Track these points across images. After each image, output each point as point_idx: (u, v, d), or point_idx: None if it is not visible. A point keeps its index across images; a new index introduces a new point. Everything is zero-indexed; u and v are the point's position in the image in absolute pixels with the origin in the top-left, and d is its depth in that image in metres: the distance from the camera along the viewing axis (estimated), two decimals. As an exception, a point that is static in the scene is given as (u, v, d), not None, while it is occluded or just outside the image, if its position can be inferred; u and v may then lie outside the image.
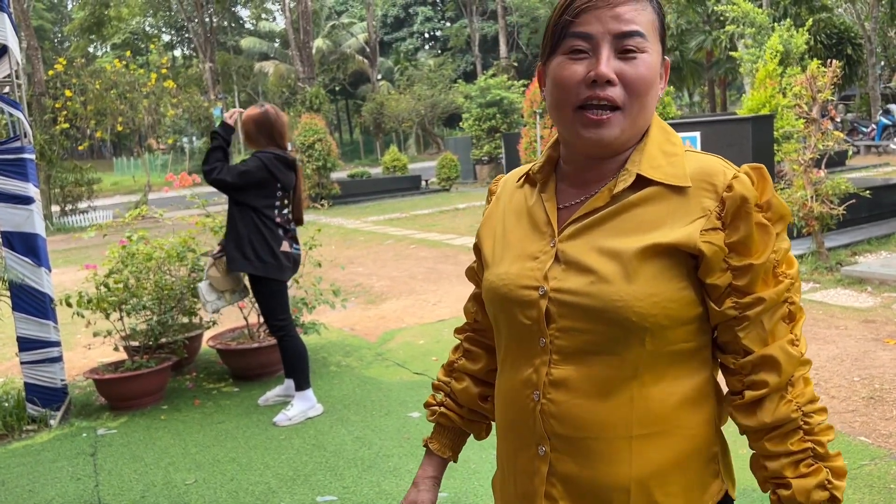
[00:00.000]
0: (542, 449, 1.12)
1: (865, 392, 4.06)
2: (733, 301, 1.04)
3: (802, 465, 1.05)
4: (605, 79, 1.04)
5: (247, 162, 4.14)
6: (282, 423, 4.23)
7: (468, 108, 21.04)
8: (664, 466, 1.07)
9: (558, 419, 1.09)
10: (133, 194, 23.18)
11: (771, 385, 1.04)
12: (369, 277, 8.48)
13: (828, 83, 6.76)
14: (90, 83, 16.23)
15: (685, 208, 1.06)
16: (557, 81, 1.08)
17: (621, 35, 1.04)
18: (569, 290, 1.07)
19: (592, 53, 1.05)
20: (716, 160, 1.09)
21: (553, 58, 1.10)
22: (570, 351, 1.08)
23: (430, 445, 1.40)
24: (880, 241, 7.84)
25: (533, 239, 1.16)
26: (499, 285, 1.17)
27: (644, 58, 1.06)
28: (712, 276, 1.04)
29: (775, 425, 1.05)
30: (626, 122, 1.07)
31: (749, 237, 1.03)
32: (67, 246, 13.08)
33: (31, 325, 4.50)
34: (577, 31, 1.06)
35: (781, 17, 18.91)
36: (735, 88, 38.49)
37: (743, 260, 1.03)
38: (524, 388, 1.14)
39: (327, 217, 14.93)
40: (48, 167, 16.21)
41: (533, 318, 1.11)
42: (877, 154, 19.49)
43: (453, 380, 1.40)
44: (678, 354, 1.07)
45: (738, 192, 1.03)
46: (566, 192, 1.17)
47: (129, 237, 5.00)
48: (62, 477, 3.75)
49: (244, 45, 40.22)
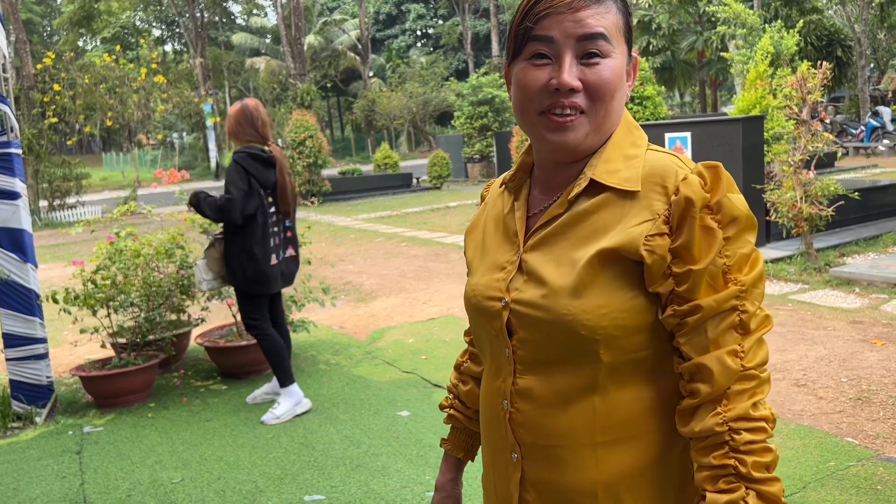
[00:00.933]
0: (514, 456, 1.14)
1: (853, 393, 4.08)
2: (673, 308, 1.01)
3: (722, 481, 0.99)
4: (567, 87, 1.02)
5: (225, 182, 4.14)
6: (270, 421, 4.21)
7: (460, 107, 21.02)
8: (632, 472, 1.06)
9: (525, 428, 1.10)
10: (122, 190, 23.05)
11: (702, 395, 1.00)
12: (359, 275, 8.46)
13: (818, 84, 6.79)
14: (79, 77, 16.10)
15: (635, 211, 1.03)
16: (520, 87, 1.07)
17: (584, 38, 1.02)
18: (525, 301, 1.07)
19: (555, 59, 1.04)
20: (670, 160, 1.06)
21: (516, 62, 1.08)
22: (530, 361, 1.09)
23: (445, 446, 1.44)
24: (868, 243, 7.89)
25: (503, 249, 1.16)
26: (471, 296, 1.18)
27: (607, 63, 1.03)
28: (655, 284, 1.01)
29: (701, 436, 1.01)
30: (590, 126, 1.05)
31: (691, 241, 0.99)
32: (55, 242, 12.99)
33: (16, 321, 4.46)
34: (539, 35, 1.04)
35: (772, 18, 18.99)
36: (726, 89, 38.64)
37: (684, 266, 0.99)
38: (496, 396, 1.15)
39: (317, 214, 14.88)
40: (36, 162, 16.09)
41: (497, 329, 1.12)
42: (865, 156, 19.61)
43: (460, 382, 1.42)
44: (639, 362, 1.06)
45: (683, 194, 1.00)
46: (536, 199, 1.16)
47: (118, 233, 4.96)
48: (47, 475, 3.72)
49: (235, 40, 40.01)
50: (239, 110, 4.24)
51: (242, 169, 4.10)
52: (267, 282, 4.23)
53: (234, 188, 4.05)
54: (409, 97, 30.25)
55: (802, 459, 3.34)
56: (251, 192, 4.11)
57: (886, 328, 5.15)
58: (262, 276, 4.19)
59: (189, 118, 30.58)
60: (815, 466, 3.26)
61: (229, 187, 4.08)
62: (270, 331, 4.32)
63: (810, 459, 3.33)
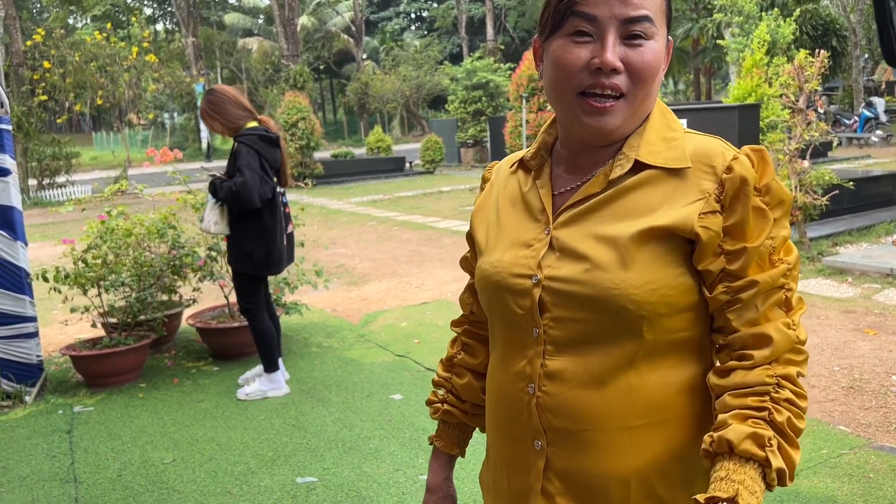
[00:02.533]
0: (537, 443, 1.09)
1: (845, 382, 4.09)
2: (725, 286, 1.00)
3: (751, 421, 0.96)
4: (610, 67, 0.99)
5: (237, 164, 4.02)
6: (239, 396, 4.29)
7: (454, 91, 20.92)
8: (664, 457, 1.04)
9: (554, 412, 1.06)
10: (112, 169, 22.86)
11: (757, 359, 0.99)
12: (352, 259, 8.42)
13: (815, 73, 6.77)
14: (69, 55, 15.91)
15: (682, 190, 1.02)
16: (559, 64, 1.03)
17: (629, 20, 0.99)
18: (563, 277, 1.03)
19: (597, 38, 1.00)
20: (716, 141, 1.05)
21: (554, 37, 1.04)
22: (564, 341, 1.05)
23: (436, 443, 1.37)
24: (861, 233, 7.91)
25: (527, 226, 1.12)
26: (491, 273, 1.13)
27: (650, 45, 1.01)
28: (705, 262, 1.00)
29: (744, 385, 0.99)
30: (628, 110, 1.03)
31: (745, 220, 0.99)
32: (44, 220, 12.88)
33: (6, 299, 4.41)
34: (583, 11, 0.99)
35: (769, 6, 18.94)
36: (720, 77, 38.61)
37: (737, 244, 0.99)
38: (517, 380, 1.10)
39: (310, 197, 14.81)
40: (25, 140, 15.91)
41: (526, 308, 1.07)
42: (858, 146, 19.65)
43: (454, 375, 1.36)
44: (679, 343, 1.04)
45: (738, 173, 1.00)
46: (561, 178, 1.13)
47: (109, 212, 4.91)
48: (37, 454, 3.69)
49: (228, 20, 39.63)
50: (213, 99, 4.08)
51: (254, 151, 4.02)
52: (280, 262, 4.22)
53: (249, 170, 3.95)
54: (403, 80, 30.07)
55: (795, 447, 3.34)
56: (265, 174, 4.05)
57: (879, 318, 5.17)
58: (277, 257, 4.18)
59: (180, 98, 30.31)
60: (807, 454, 3.27)
61: (243, 170, 3.96)
62: (265, 316, 4.29)
63: (803, 447, 3.33)
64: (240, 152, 4.03)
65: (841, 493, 2.93)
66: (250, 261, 4.12)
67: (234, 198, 3.98)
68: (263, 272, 4.24)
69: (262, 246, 4.11)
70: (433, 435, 1.39)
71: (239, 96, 4.20)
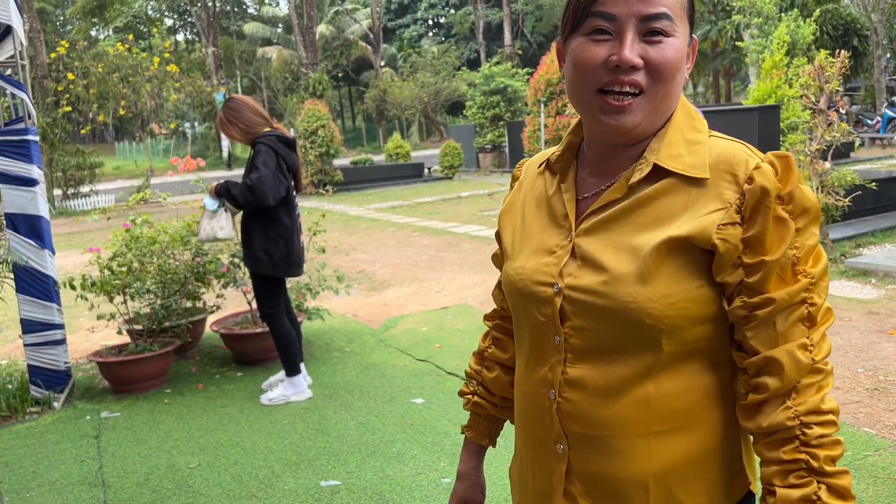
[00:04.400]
0: (559, 447, 1.10)
1: (869, 383, 4.06)
2: (742, 300, 0.99)
3: (792, 476, 0.98)
4: (628, 64, 0.98)
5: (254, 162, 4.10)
6: (263, 401, 4.34)
7: (472, 96, 20.97)
8: (684, 463, 1.05)
9: (574, 418, 1.07)
10: (135, 179, 23.16)
11: (772, 389, 0.98)
12: (372, 264, 8.47)
13: (836, 74, 6.72)
14: (93, 66, 16.16)
15: (704, 199, 1.00)
16: (577, 63, 1.02)
17: (648, 17, 0.98)
18: (582, 287, 1.03)
19: (616, 35, 0.99)
20: (740, 147, 1.03)
21: (574, 37, 1.04)
22: (584, 350, 1.05)
23: (466, 433, 1.40)
24: (885, 234, 7.82)
25: (551, 232, 1.12)
26: (515, 279, 1.13)
27: (670, 41, 1.00)
28: (724, 274, 0.99)
29: (771, 431, 0.99)
30: (648, 107, 1.01)
31: (764, 232, 0.97)
32: (70, 229, 13.06)
33: (34, 307, 4.49)
34: (600, 10, 0.99)
35: (788, 7, 18.80)
36: (740, 79, 38.33)
37: (755, 257, 0.97)
38: (540, 386, 1.11)
39: (330, 203, 14.91)
40: (50, 150, 16.17)
41: (547, 316, 1.07)
42: (881, 146, 19.43)
43: (485, 369, 1.38)
44: (698, 352, 1.04)
45: (759, 183, 0.97)
46: (586, 182, 1.12)
47: (133, 221, 4.99)
48: (66, 459, 3.76)
49: (247, 30, 40.00)
50: (231, 108, 4.18)
51: (272, 150, 4.11)
52: (299, 263, 4.31)
53: (265, 167, 4.03)
54: (421, 87, 30.19)
55: (819, 449, 3.32)
56: (281, 174, 4.12)
57: (903, 319, 5.11)
58: (297, 258, 4.26)
59: (201, 107, 30.62)
60: (831, 456, 3.24)
61: (259, 166, 4.04)
62: (284, 320, 4.34)
63: (827, 449, 3.32)
64: (259, 151, 4.11)
65: (866, 496, 2.91)
66: (269, 261, 4.17)
67: (250, 192, 4.03)
68: (283, 273, 4.27)
69: (280, 246, 4.17)
70: (464, 425, 1.41)
71: (256, 105, 4.31)
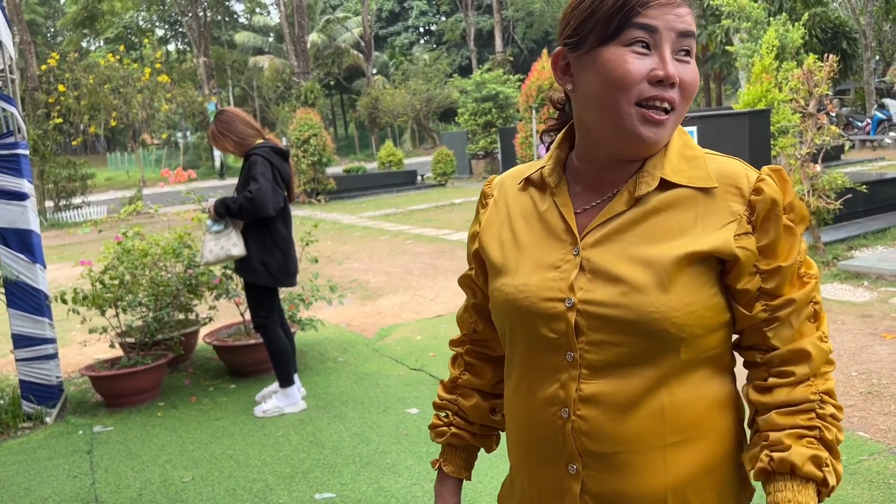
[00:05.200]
0: (572, 467, 1.08)
1: (863, 387, 4.06)
2: (763, 304, 1.04)
3: (805, 440, 1.01)
4: (673, 80, 1.00)
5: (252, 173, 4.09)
6: (256, 413, 4.32)
7: (464, 103, 20.98)
8: (698, 472, 1.06)
9: (590, 436, 1.05)
10: (127, 189, 23.08)
11: (798, 375, 1.04)
12: (365, 273, 8.46)
13: (825, 77, 6.76)
14: (83, 78, 16.13)
15: (713, 212, 1.03)
16: (616, 74, 1.00)
17: (683, 34, 1.02)
18: (599, 301, 1.03)
19: (654, 50, 1.01)
20: (736, 162, 1.08)
21: (607, 46, 1.01)
22: (600, 365, 1.04)
23: (444, 468, 1.33)
24: (876, 236, 7.85)
25: (551, 247, 1.10)
26: (519, 298, 1.09)
27: (692, 62, 1.05)
28: (742, 282, 1.03)
29: (790, 403, 1.04)
30: (674, 125, 1.05)
31: (777, 240, 1.02)
32: (61, 242, 13.01)
33: (26, 322, 4.47)
34: (644, 22, 0.99)
35: (777, 11, 18.91)
36: (730, 83, 38.51)
37: (771, 263, 1.02)
38: (549, 405, 1.08)
39: (323, 212, 14.89)
40: (41, 162, 16.12)
41: (560, 332, 1.06)
42: (871, 148, 19.53)
43: (460, 397, 1.33)
44: (709, 360, 1.07)
45: (768, 195, 1.02)
46: (581, 196, 1.11)
47: (125, 233, 4.97)
48: (58, 475, 3.73)
49: (238, 39, 40.00)
50: (223, 121, 4.18)
51: (268, 162, 4.12)
52: (295, 273, 4.33)
53: (263, 178, 4.04)
54: (413, 94, 30.24)
55: (814, 454, 3.32)
56: (276, 185, 4.14)
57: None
58: (293, 268, 4.29)
59: (193, 117, 30.56)
60: (826, 461, 3.25)
61: (258, 178, 4.05)
62: (279, 331, 4.33)
63: (822, 454, 3.32)
64: (255, 162, 4.11)
65: (861, 500, 2.91)
66: (266, 272, 4.17)
67: (250, 205, 4.04)
68: (279, 284, 4.28)
69: (277, 257, 4.18)
70: (438, 460, 1.35)
71: (247, 116, 4.32)
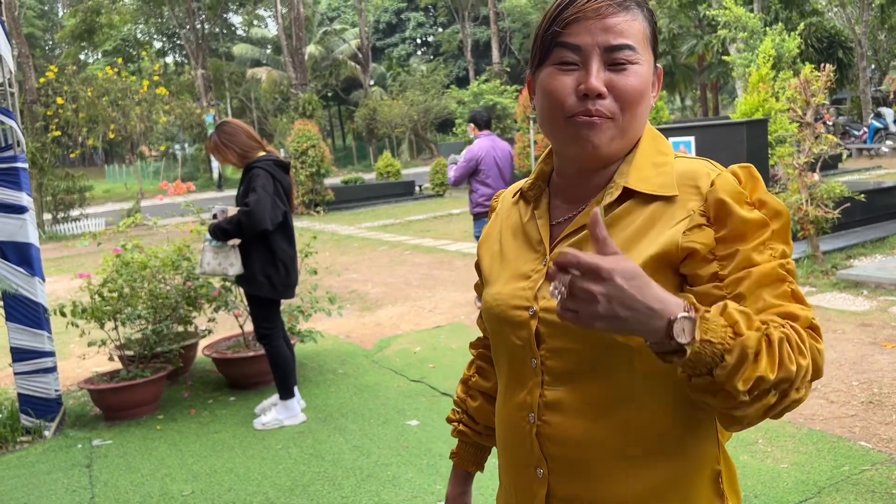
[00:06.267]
0: (539, 471, 1.11)
1: (864, 396, 4.05)
2: (717, 283, 0.97)
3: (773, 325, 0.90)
4: (595, 92, 1.02)
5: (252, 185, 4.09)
6: (256, 426, 4.31)
7: (461, 114, 21.06)
8: (662, 486, 1.05)
9: (554, 441, 1.08)
10: (125, 202, 23.08)
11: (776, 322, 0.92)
12: (364, 284, 8.45)
13: (822, 87, 6.78)
14: (82, 90, 16.15)
15: (669, 214, 1.03)
16: (547, 93, 1.06)
17: (611, 48, 1.02)
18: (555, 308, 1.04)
19: (582, 65, 1.03)
20: (703, 163, 1.07)
21: (542, 68, 1.08)
22: (560, 372, 1.07)
23: (454, 459, 1.43)
24: (875, 245, 7.86)
25: (527, 257, 1.15)
26: (493, 305, 1.16)
27: (634, 69, 1.03)
28: (695, 268, 0.99)
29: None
30: (616, 130, 1.05)
31: (735, 227, 0.98)
32: (60, 254, 12.99)
33: (24, 335, 4.45)
34: (567, 41, 1.03)
35: (773, 21, 19.01)
36: (727, 92, 38.67)
37: (729, 248, 0.98)
38: (519, 410, 1.12)
39: (321, 223, 14.89)
40: (40, 175, 16.12)
41: (524, 339, 1.10)
42: (868, 157, 19.59)
43: (468, 398, 1.41)
44: (672, 374, 1.01)
45: (719, 186, 1.00)
46: (559, 208, 1.15)
47: (124, 246, 4.96)
48: (57, 489, 3.71)
49: (236, 51, 40.09)
50: (225, 133, 4.18)
51: (270, 175, 4.12)
52: (295, 285, 4.35)
53: (263, 191, 4.04)
54: (410, 105, 30.31)
55: (816, 464, 3.32)
56: (278, 198, 4.14)
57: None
58: (294, 280, 4.31)
59: (191, 129, 30.63)
60: (829, 471, 3.24)
61: (257, 189, 4.04)
62: (281, 342, 4.33)
63: (824, 464, 3.31)
64: (257, 175, 4.10)
65: (864, 511, 2.90)
66: (269, 285, 4.18)
67: (247, 218, 4.02)
68: (281, 296, 4.29)
69: (280, 270, 4.19)
70: (453, 450, 1.44)
71: (249, 128, 4.32)
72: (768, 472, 3.29)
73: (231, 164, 4.30)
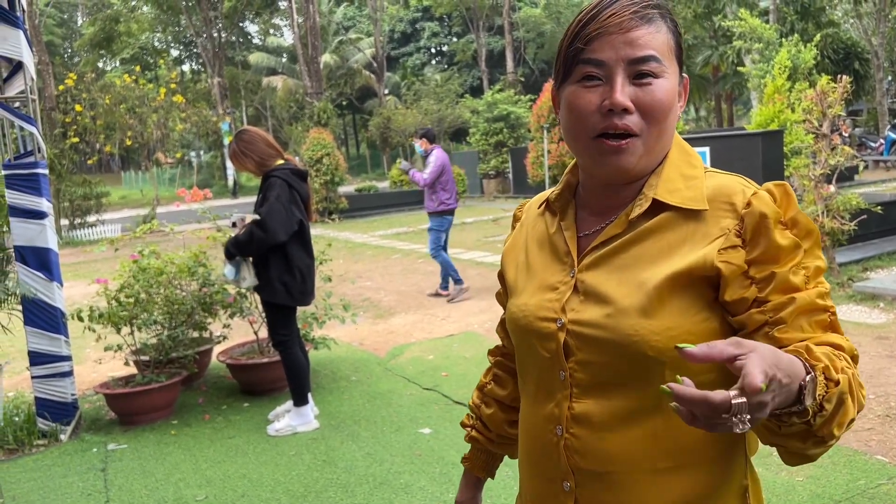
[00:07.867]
0: (566, 484, 1.10)
1: (881, 410, 4.02)
2: (760, 309, 0.98)
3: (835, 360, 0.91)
4: (620, 108, 1.01)
5: (266, 195, 4.13)
6: (269, 432, 4.32)
7: (475, 123, 21.10)
8: (691, 501, 1.04)
9: (581, 454, 1.07)
10: (141, 208, 23.27)
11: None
12: (377, 292, 8.47)
13: (838, 98, 6.75)
14: (100, 98, 16.36)
15: (703, 230, 1.02)
16: (572, 110, 1.06)
17: (635, 61, 1.01)
18: (586, 321, 1.05)
19: (606, 81, 1.02)
20: (736, 179, 1.06)
21: (566, 85, 1.07)
22: (589, 384, 1.06)
23: (465, 464, 1.44)
24: (891, 257, 7.80)
25: (554, 269, 1.14)
26: (519, 316, 1.15)
27: (660, 83, 1.02)
28: (734, 293, 0.99)
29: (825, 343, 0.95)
30: (643, 148, 1.04)
31: (769, 250, 0.98)
32: (77, 259, 13.11)
33: (42, 339, 4.50)
34: (590, 57, 1.02)
35: (789, 32, 18.95)
36: (741, 103, 38.53)
37: (764, 270, 0.98)
38: (547, 422, 1.12)
39: (335, 231, 14.95)
40: (58, 181, 16.30)
41: (552, 351, 1.09)
42: (885, 169, 19.46)
43: (483, 404, 1.41)
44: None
45: (757, 207, 1.00)
46: (586, 220, 1.15)
47: (141, 252, 5.01)
48: (73, 492, 3.74)
49: (252, 60, 40.42)
50: (244, 141, 4.21)
51: (286, 184, 4.15)
52: (313, 292, 4.38)
53: (277, 201, 4.07)
54: (424, 114, 30.34)
55: (832, 478, 3.29)
56: (294, 207, 4.16)
57: (913, 343, 5.08)
58: (311, 287, 4.34)
59: (206, 137, 30.87)
60: (844, 485, 3.21)
61: (270, 197, 4.07)
62: (297, 349, 4.35)
63: (840, 478, 3.29)
64: (273, 185, 4.14)
65: (881, 525, 2.88)
66: (286, 291, 4.20)
67: (260, 228, 4.05)
68: (297, 303, 4.32)
69: (297, 277, 4.21)
70: (465, 455, 1.45)
71: (268, 137, 4.35)
72: (784, 485, 3.27)
73: (249, 172, 4.33)
